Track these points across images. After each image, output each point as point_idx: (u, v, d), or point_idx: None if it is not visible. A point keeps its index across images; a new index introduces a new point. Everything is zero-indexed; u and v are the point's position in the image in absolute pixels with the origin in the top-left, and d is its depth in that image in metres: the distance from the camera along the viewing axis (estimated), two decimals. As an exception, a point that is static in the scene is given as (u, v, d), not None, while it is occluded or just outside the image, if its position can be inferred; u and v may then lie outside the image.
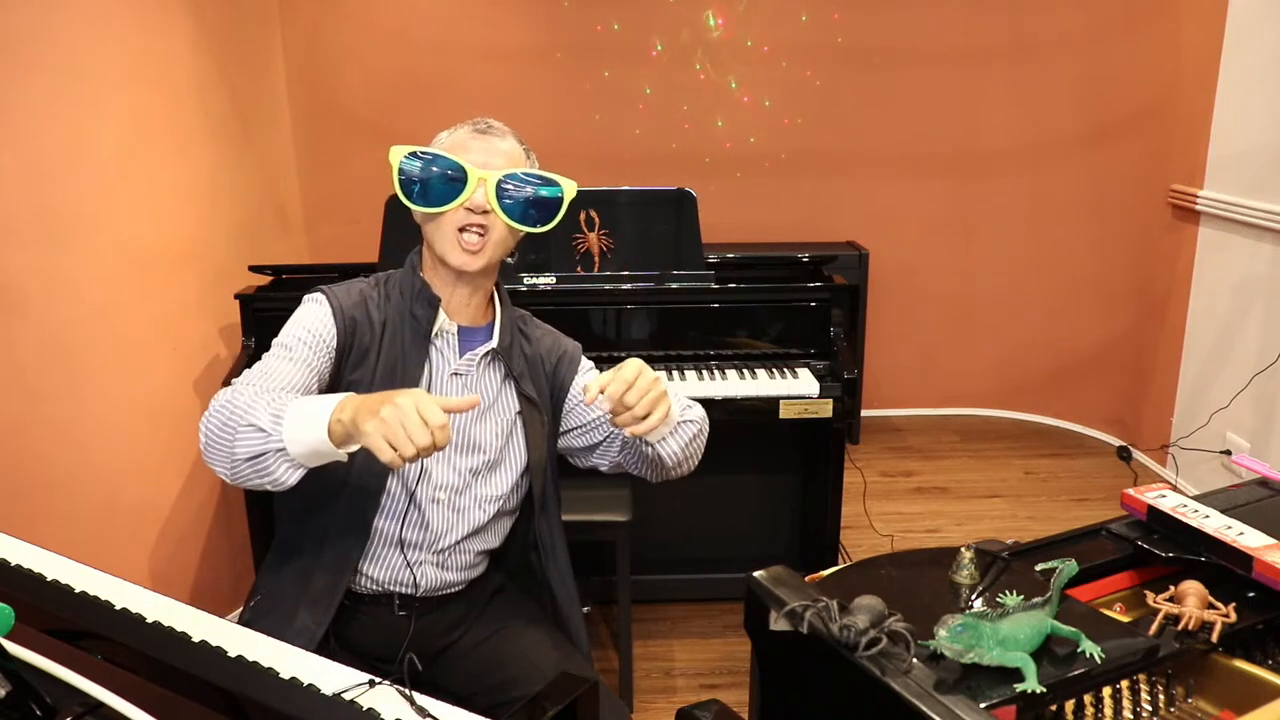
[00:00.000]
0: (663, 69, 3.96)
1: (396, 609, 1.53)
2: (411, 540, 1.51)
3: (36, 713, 0.81)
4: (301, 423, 1.22)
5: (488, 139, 1.48)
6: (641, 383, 1.35)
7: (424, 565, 1.52)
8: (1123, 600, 1.40)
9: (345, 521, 1.47)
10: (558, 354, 1.64)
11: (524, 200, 1.46)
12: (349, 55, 3.79)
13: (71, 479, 2.14)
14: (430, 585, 1.53)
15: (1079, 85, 3.90)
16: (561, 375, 1.63)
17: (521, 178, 1.46)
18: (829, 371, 2.55)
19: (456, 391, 1.52)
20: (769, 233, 4.04)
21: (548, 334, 1.67)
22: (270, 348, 1.45)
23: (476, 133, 1.49)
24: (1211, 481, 3.20)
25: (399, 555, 1.51)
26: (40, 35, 2.03)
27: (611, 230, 2.64)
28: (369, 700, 0.88)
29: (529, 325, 1.65)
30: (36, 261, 2.04)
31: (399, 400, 1.15)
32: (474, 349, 1.53)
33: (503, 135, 1.50)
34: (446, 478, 1.51)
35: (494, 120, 1.52)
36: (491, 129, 1.50)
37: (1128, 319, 3.95)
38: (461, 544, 1.54)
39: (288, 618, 1.46)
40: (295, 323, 1.47)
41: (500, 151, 1.47)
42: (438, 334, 1.51)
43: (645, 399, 1.34)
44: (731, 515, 2.84)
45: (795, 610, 1.17)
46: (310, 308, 1.49)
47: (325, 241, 3.72)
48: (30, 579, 1.06)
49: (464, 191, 1.42)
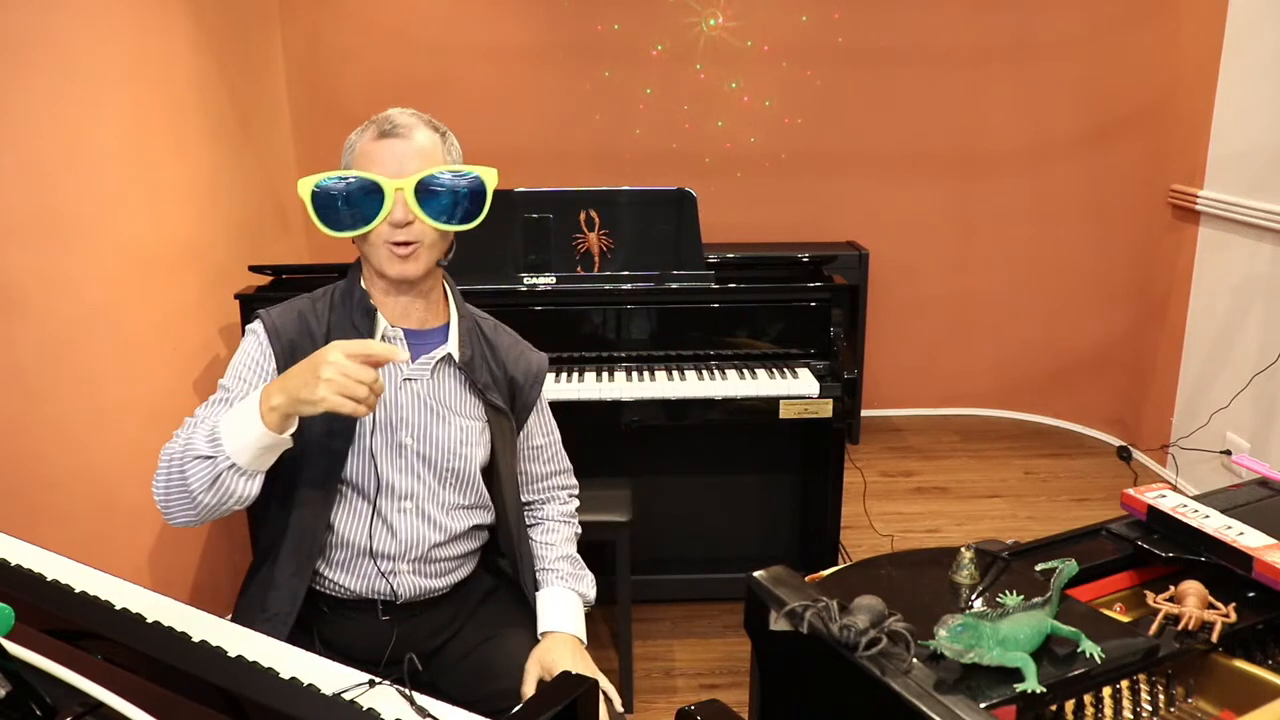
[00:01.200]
0: (663, 69, 3.96)
1: (380, 614, 1.51)
2: (382, 551, 1.48)
3: (36, 713, 0.81)
4: (236, 430, 1.27)
5: (396, 142, 1.41)
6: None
7: (400, 575, 1.49)
8: (1123, 600, 1.40)
9: (300, 531, 1.45)
10: (523, 370, 1.60)
11: (447, 200, 1.40)
12: (349, 55, 3.79)
13: (71, 479, 2.14)
14: (410, 593, 1.51)
15: (1079, 85, 3.90)
16: (523, 395, 1.60)
17: (439, 178, 1.40)
18: (829, 371, 2.55)
19: (409, 399, 1.48)
20: (769, 233, 4.04)
21: (514, 345, 1.62)
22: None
23: (382, 136, 1.41)
24: (1211, 481, 3.20)
25: (371, 564, 1.48)
26: (40, 35, 2.03)
27: (611, 230, 2.64)
28: (369, 700, 0.88)
29: (496, 333, 1.60)
30: (36, 261, 2.04)
31: (330, 358, 1.21)
32: (428, 352, 1.49)
33: (410, 132, 1.42)
34: (410, 487, 1.48)
35: (400, 115, 1.44)
36: (397, 128, 1.41)
37: (1128, 319, 3.95)
38: (436, 550, 1.51)
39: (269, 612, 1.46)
40: (234, 362, 1.48)
41: (411, 154, 1.40)
42: (383, 338, 1.47)
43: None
44: (731, 515, 2.84)
45: (795, 610, 1.17)
46: (247, 340, 1.49)
47: (325, 241, 3.70)
48: (30, 579, 1.06)
49: (383, 207, 1.38)
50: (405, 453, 1.47)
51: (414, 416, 1.48)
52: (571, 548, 1.67)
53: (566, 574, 1.61)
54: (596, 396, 2.44)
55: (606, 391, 2.46)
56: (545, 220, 2.62)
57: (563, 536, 1.67)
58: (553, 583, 1.60)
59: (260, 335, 1.47)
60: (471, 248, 2.62)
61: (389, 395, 1.47)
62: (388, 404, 1.47)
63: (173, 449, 1.35)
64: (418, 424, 1.48)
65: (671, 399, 2.46)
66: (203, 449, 1.29)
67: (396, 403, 1.47)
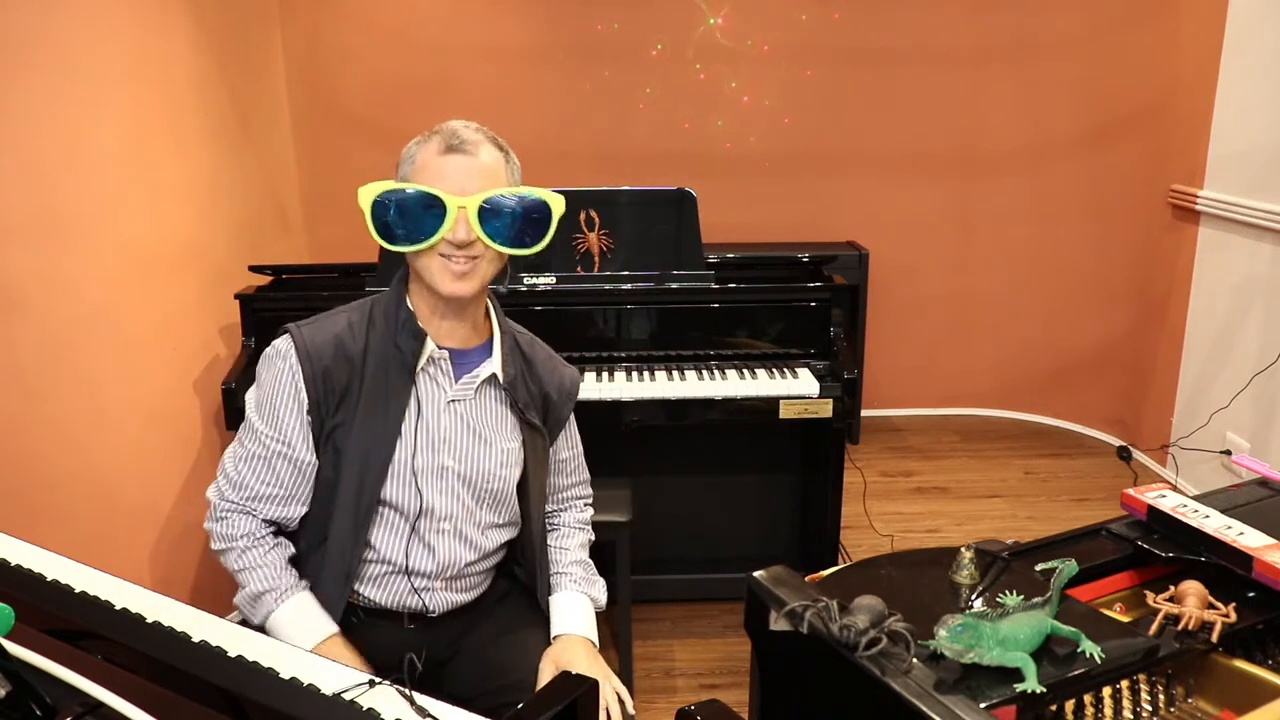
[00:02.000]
0: (663, 69, 3.96)
1: (405, 623, 1.53)
2: (418, 569, 1.48)
3: (36, 713, 0.81)
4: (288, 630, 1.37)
5: (461, 158, 1.36)
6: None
7: (433, 591, 1.51)
8: (1123, 600, 1.40)
9: (341, 550, 1.45)
10: (556, 385, 1.58)
11: (510, 222, 1.37)
12: (349, 55, 3.79)
13: (71, 479, 2.14)
14: (443, 608, 1.53)
15: (1079, 85, 3.90)
16: (558, 412, 1.60)
17: (504, 199, 1.36)
18: (829, 371, 2.55)
19: (452, 421, 1.46)
20: (769, 233, 4.04)
21: (549, 360, 1.60)
22: (248, 405, 1.45)
23: (448, 151, 1.37)
24: (1211, 481, 3.20)
25: (405, 582, 1.49)
26: (40, 35, 2.03)
27: (611, 230, 2.64)
28: (369, 700, 0.88)
29: (532, 348, 1.57)
30: (36, 261, 2.04)
31: None
32: (470, 370, 1.47)
33: (476, 149, 1.38)
34: (450, 509, 1.48)
35: (465, 130, 1.39)
36: (464, 144, 1.37)
37: (1128, 319, 3.95)
38: (469, 567, 1.53)
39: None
40: (263, 393, 1.42)
41: (477, 171, 1.36)
42: (426, 364, 1.44)
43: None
44: (731, 515, 2.84)
45: (795, 610, 1.17)
46: (275, 365, 1.42)
47: (325, 241, 3.71)
48: (30, 579, 1.06)
49: (445, 224, 1.33)
50: (447, 475, 1.46)
51: (457, 439, 1.47)
52: (584, 553, 1.68)
53: (580, 578, 1.62)
54: (596, 396, 2.44)
55: (606, 391, 2.46)
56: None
57: (577, 542, 1.68)
58: (566, 586, 1.60)
59: (291, 359, 1.41)
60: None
61: (432, 416, 1.45)
62: (430, 426, 1.44)
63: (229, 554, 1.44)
64: (461, 447, 1.46)
65: (671, 399, 2.46)
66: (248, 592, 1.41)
67: (440, 425, 1.45)
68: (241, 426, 1.47)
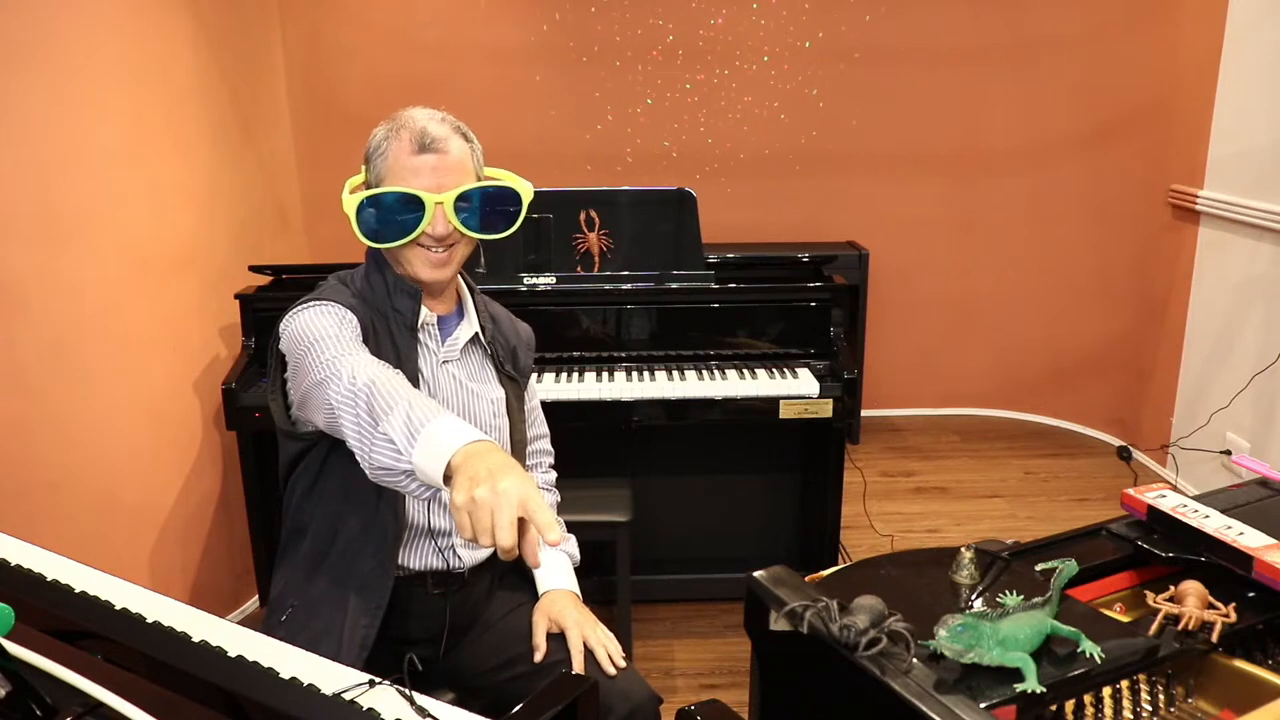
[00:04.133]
0: (663, 69, 3.96)
1: (431, 588, 1.56)
2: (440, 529, 1.54)
3: (36, 713, 0.81)
4: (428, 452, 1.13)
5: (433, 157, 1.43)
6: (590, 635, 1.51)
7: (455, 548, 1.56)
8: (1123, 600, 1.40)
9: (382, 516, 1.48)
10: (519, 339, 1.70)
11: (483, 211, 1.47)
12: (349, 55, 3.79)
13: (71, 479, 2.14)
14: (468, 563, 1.57)
15: (1079, 85, 3.90)
16: (522, 363, 1.69)
17: (475, 192, 1.46)
18: (829, 371, 2.55)
19: (448, 381, 1.55)
20: (769, 233, 4.04)
21: (506, 316, 1.72)
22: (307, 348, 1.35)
23: (423, 151, 1.43)
24: (1211, 481, 3.20)
25: (430, 542, 1.54)
26: (41, 36, 2.03)
27: (611, 230, 2.64)
28: (369, 700, 0.88)
29: (493, 308, 1.69)
30: (36, 261, 2.04)
31: (499, 488, 1.02)
32: (451, 335, 1.57)
33: (446, 144, 1.44)
34: None
35: (433, 125, 1.44)
36: (434, 142, 1.43)
37: (1128, 319, 3.95)
38: None
39: (336, 622, 1.45)
40: (320, 323, 1.40)
41: (449, 168, 1.43)
42: (422, 325, 1.52)
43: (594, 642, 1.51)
44: (731, 515, 2.84)
45: (795, 610, 1.17)
46: (324, 309, 1.43)
47: (325, 241, 3.71)
48: (30, 579, 1.06)
49: (423, 221, 1.42)
50: None
51: (454, 396, 1.55)
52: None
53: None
54: (596, 397, 2.44)
55: (606, 391, 2.46)
56: (545, 220, 2.62)
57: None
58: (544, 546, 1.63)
59: (338, 306, 1.44)
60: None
61: (431, 378, 1.53)
62: (430, 388, 1.52)
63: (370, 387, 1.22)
64: (458, 403, 1.55)
65: (671, 399, 2.46)
66: (398, 432, 1.15)
67: (438, 385, 1.54)
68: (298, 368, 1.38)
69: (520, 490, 1.02)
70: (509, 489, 1.01)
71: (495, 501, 1.01)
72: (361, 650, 1.44)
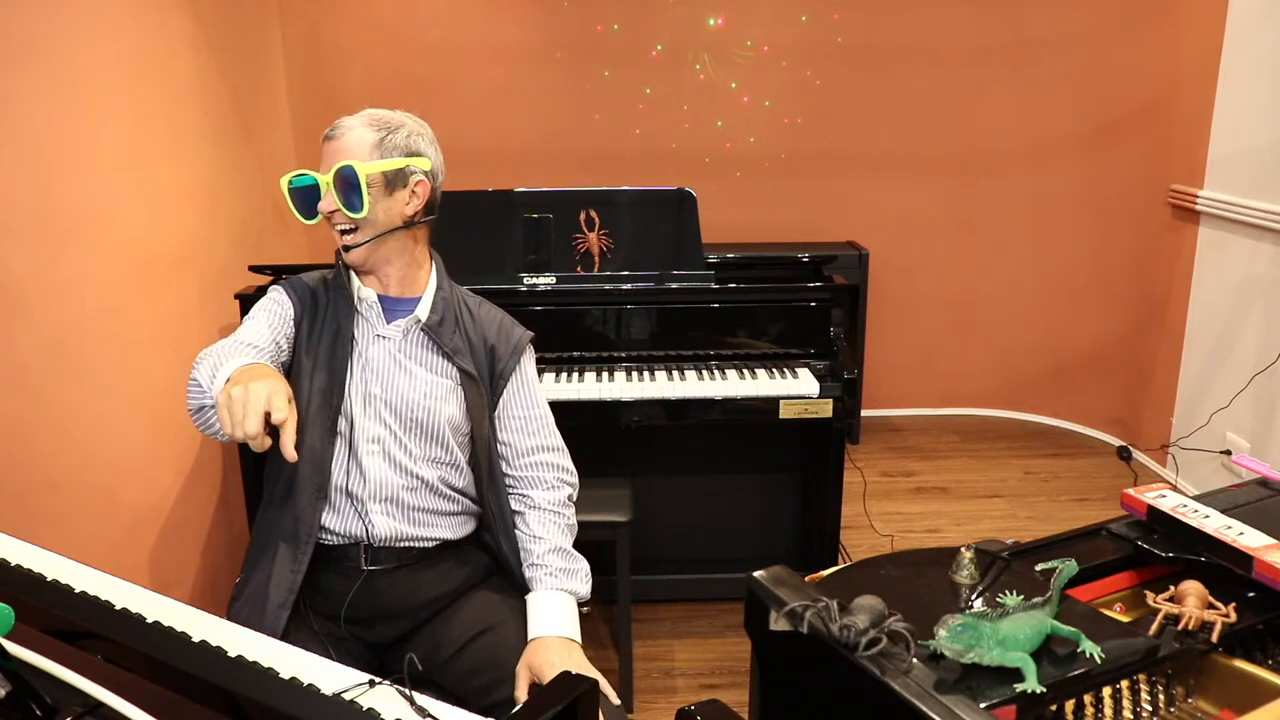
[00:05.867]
0: (663, 69, 3.96)
1: (362, 562, 1.60)
2: (355, 491, 1.60)
3: (36, 713, 0.81)
4: (218, 383, 1.36)
5: (330, 143, 1.60)
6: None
7: (372, 515, 1.59)
8: (1123, 600, 1.40)
9: (306, 480, 1.57)
10: (504, 340, 1.71)
11: (355, 191, 1.56)
12: (349, 55, 3.79)
13: (71, 479, 2.14)
14: (384, 535, 1.60)
15: (1079, 85, 3.90)
16: (501, 363, 1.70)
17: (345, 170, 1.56)
18: (829, 371, 2.55)
19: (380, 353, 1.64)
20: (769, 233, 4.04)
21: (498, 317, 1.75)
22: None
23: (325, 140, 1.61)
24: (1211, 481, 3.20)
25: (350, 505, 1.60)
26: (41, 36, 2.03)
27: (611, 230, 2.64)
28: (369, 700, 0.88)
29: (480, 307, 1.74)
30: (36, 261, 2.04)
31: (250, 386, 1.25)
32: (400, 316, 1.65)
33: (344, 133, 1.59)
34: (374, 430, 1.61)
35: (349, 118, 1.61)
36: (335, 130, 1.60)
37: (1128, 319, 3.95)
38: (405, 495, 1.61)
39: (265, 584, 1.54)
40: (257, 305, 1.66)
41: (340, 151, 1.58)
42: (359, 301, 1.65)
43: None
44: (731, 515, 2.84)
45: (795, 610, 1.17)
46: (270, 292, 1.68)
47: (325, 241, 3.70)
48: (30, 579, 1.06)
49: (320, 199, 1.59)
50: (374, 401, 1.62)
51: (383, 370, 1.64)
52: (564, 540, 1.67)
53: (557, 570, 1.62)
54: (596, 396, 2.44)
55: (606, 391, 2.46)
56: (545, 220, 2.62)
57: (555, 528, 1.67)
58: (542, 581, 1.61)
59: (281, 290, 1.68)
60: (471, 248, 2.62)
61: (364, 349, 1.64)
62: (364, 357, 1.63)
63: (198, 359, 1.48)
64: (386, 376, 1.63)
65: (671, 399, 2.46)
66: (203, 375, 1.42)
67: (369, 355, 1.63)
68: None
69: (268, 389, 1.26)
70: (258, 389, 1.25)
71: (244, 397, 1.24)
72: (281, 610, 1.51)
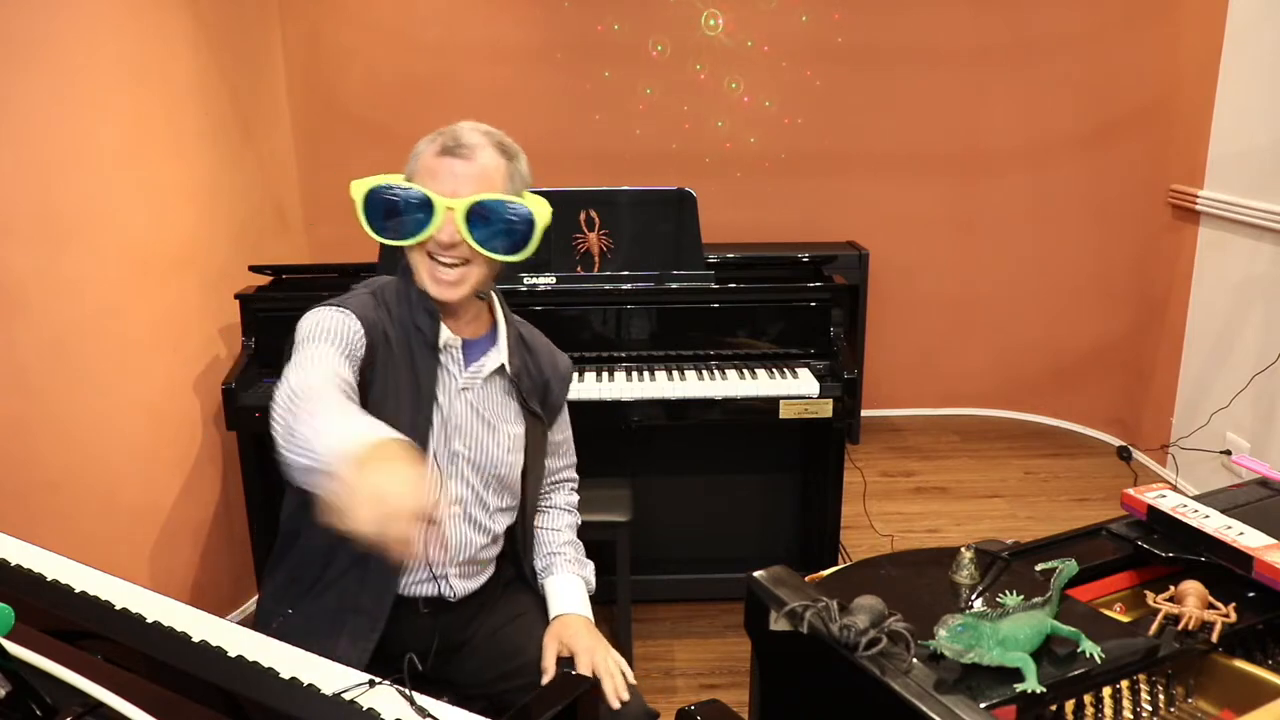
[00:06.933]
0: (663, 69, 3.96)
1: (421, 609, 1.55)
2: (435, 556, 1.51)
3: (36, 713, 0.81)
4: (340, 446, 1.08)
5: (457, 161, 1.38)
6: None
7: (451, 579, 1.54)
8: (1123, 600, 1.40)
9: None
10: (554, 373, 1.64)
11: (499, 228, 1.38)
12: (349, 55, 3.79)
13: (71, 479, 2.14)
14: (460, 592, 1.56)
15: (1079, 85, 3.90)
16: (554, 396, 1.65)
17: (493, 204, 1.38)
18: (829, 371, 2.55)
19: (464, 409, 1.49)
20: (769, 233, 4.04)
21: (545, 347, 1.65)
22: (297, 346, 1.35)
23: (445, 154, 1.39)
24: (1211, 481, 3.20)
25: (424, 569, 1.51)
26: (41, 36, 2.03)
27: (611, 230, 2.64)
28: (369, 700, 0.88)
29: (534, 338, 1.63)
30: (36, 261, 2.04)
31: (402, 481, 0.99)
32: (477, 360, 1.51)
33: (474, 153, 1.39)
34: (460, 493, 1.51)
35: (469, 133, 1.41)
36: (461, 148, 1.38)
37: (1128, 319, 3.95)
38: (481, 552, 1.56)
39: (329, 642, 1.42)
40: (318, 324, 1.38)
41: (470, 175, 1.38)
42: (444, 347, 1.47)
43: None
44: (731, 515, 2.84)
45: (795, 610, 1.17)
46: (330, 313, 1.40)
47: (325, 241, 3.71)
48: (30, 579, 1.06)
49: (431, 224, 1.36)
50: (458, 460, 1.50)
51: (468, 426, 1.50)
52: (574, 534, 1.74)
53: (572, 559, 1.68)
54: (596, 396, 2.44)
55: (606, 391, 2.46)
56: (545, 220, 2.62)
57: (566, 523, 1.74)
58: (561, 567, 1.65)
59: (347, 314, 1.40)
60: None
61: (447, 405, 1.48)
62: (445, 412, 1.47)
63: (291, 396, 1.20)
64: (470, 433, 1.50)
65: (671, 399, 2.46)
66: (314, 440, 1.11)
67: (453, 411, 1.49)
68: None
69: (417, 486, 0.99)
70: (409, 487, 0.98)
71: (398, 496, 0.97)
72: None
